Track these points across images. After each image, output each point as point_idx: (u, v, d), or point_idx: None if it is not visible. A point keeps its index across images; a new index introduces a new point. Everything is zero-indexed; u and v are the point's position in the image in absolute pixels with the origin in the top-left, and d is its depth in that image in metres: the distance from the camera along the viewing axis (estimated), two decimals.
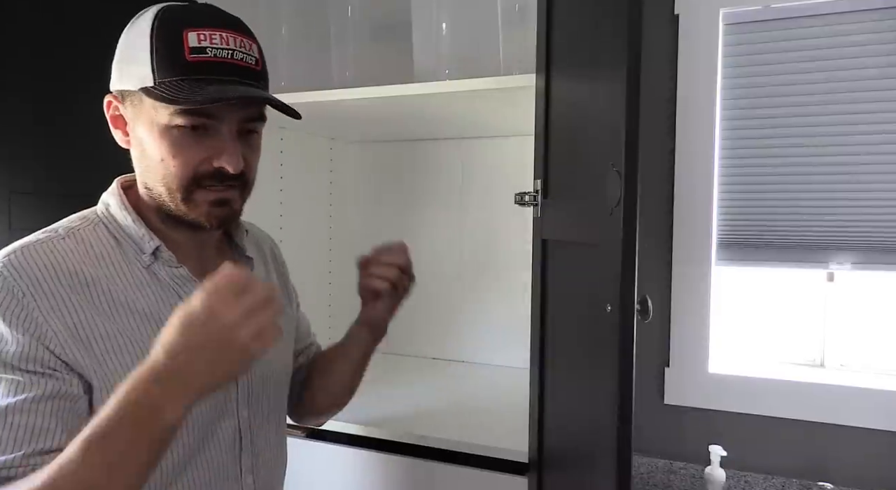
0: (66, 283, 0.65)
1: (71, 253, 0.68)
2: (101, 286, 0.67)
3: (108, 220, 0.72)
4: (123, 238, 0.71)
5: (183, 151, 0.68)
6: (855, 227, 1.30)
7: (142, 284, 0.70)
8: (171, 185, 0.69)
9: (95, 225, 0.72)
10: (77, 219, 0.73)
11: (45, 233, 0.69)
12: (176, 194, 0.69)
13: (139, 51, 0.67)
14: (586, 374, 0.82)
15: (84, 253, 0.68)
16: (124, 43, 0.69)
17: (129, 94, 0.69)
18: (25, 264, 0.64)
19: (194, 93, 0.64)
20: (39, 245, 0.66)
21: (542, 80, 1.04)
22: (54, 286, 0.64)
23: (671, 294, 1.40)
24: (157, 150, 0.68)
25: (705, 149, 1.36)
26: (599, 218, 0.75)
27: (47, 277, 0.64)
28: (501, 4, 1.25)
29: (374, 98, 1.21)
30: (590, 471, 0.79)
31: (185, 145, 0.68)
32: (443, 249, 1.78)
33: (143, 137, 0.69)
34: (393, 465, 1.17)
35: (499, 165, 1.69)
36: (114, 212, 0.72)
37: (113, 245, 0.71)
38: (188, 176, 0.68)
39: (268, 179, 1.58)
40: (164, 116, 0.66)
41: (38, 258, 0.65)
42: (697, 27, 1.36)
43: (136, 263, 0.71)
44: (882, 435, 1.26)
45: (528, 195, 1.08)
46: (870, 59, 1.28)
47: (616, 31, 0.70)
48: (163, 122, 0.67)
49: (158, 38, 0.66)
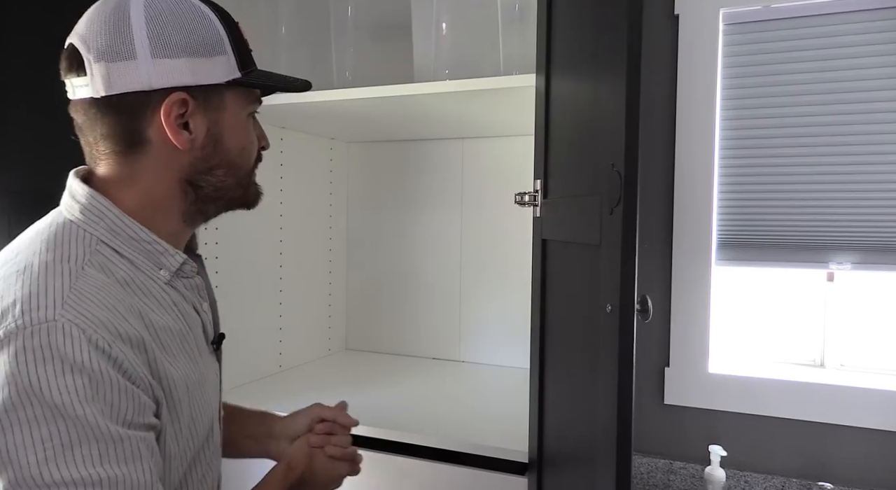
0: (134, 322, 0.59)
1: (110, 287, 0.60)
2: (147, 317, 0.62)
3: (108, 238, 0.64)
4: (134, 255, 0.65)
5: (254, 138, 0.74)
6: (855, 227, 1.30)
7: (169, 305, 0.66)
8: (243, 173, 0.72)
9: (97, 246, 0.63)
10: (67, 241, 0.62)
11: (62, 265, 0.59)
12: (245, 181, 0.74)
13: (214, 43, 0.65)
14: (586, 374, 0.82)
15: (117, 284, 0.61)
16: (182, 34, 0.62)
17: (205, 88, 0.65)
18: (92, 313, 0.56)
19: (271, 79, 0.72)
20: (80, 295, 0.57)
21: (542, 80, 1.04)
22: (127, 327, 0.58)
23: (671, 294, 1.40)
24: (240, 140, 0.70)
25: (705, 149, 1.36)
26: (599, 218, 0.75)
27: (118, 320, 0.58)
28: (501, 4, 1.25)
29: (374, 98, 1.21)
30: (590, 471, 0.79)
31: (253, 132, 0.74)
32: (443, 249, 1.78)
33: (224, 131, 0.68)
34: (393, 465, 1.17)
35: (499, 165, 1.69)
36: (114, 225, 0.64)
37: (129, 267, 0.64)
38: (255, 160, 0.75)
39: (268, 179, 1.58)
40: (244, 107, 0.71)
41: (97, 300, 0.57)
42: (697, 27, 1.35)
43: (153, 281, 0.65)
44: (882, 435, 1.26)
45: (528, 195, 1.08)
46: (870, 59, 1.28)
47: (616, 31, 0.70)
48: (244, 112, 0.71)
49: (230, 29, 0.67)
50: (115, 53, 0.61)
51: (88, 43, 0.62)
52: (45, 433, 0.51)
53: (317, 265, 1.79)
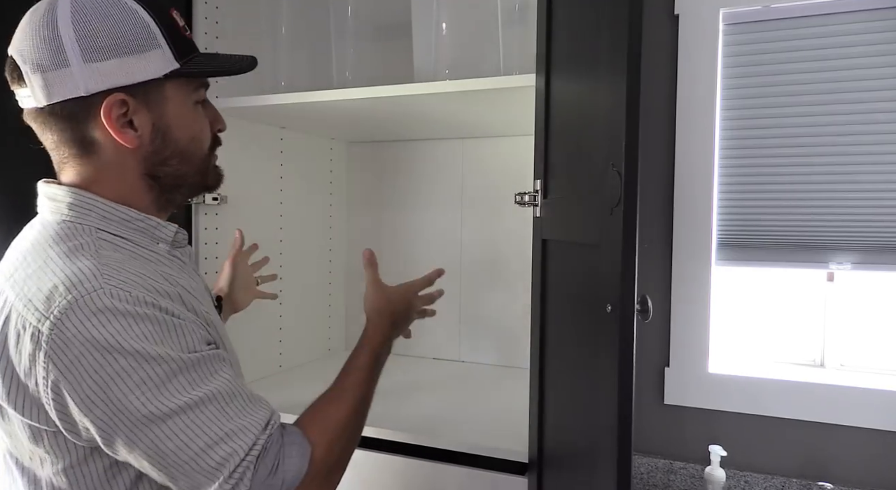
0: (163, 281, 0.64)
1: (128, 260, 0.65)
2: (171, 278, 0.67)
3: (104, 225, 0.66)
4: (131, 234, 0.68)
5: (205, 123, 0.74)
6: (855, 227, 1.30)
7: (179, 269, 0.72)
8: (198, 160, 0.73)
9: (97, 234, 0.65)
10: (70, 236, 0.64)
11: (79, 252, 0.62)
12: (203, 166, 0.74)
13: (145, 38, 0.64)
14: (586, 374, 0.82)
15: (131, 258, 0.66)
16: (111, 35, 0.62)
17: (143, 85, 0.65)
18: (126, 278, 0.61)
19: (211, 65, 0.71)
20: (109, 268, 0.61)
21: (542, 80, 1.04)
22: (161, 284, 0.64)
23: (671, 294, 1.40)
24: (187, 130, 0.70)
25: (705, 149, 1.36)
26: (599, 218, 0.75)
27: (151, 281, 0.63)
28: (501, 4, 1.24)
29: (374, 98, 1.21)
30: (590, 471, 0.79)
31: (203, 117, 0.73)
32: (443, 249, 1.78)
33: (171, 123, 0.68)
34: (393, 465, 1.17)
35: (499, 165, 1.69)
36: (104, 212, 0.66)
37: (132, 245, 0.67)
38: (210, 145, 0.75)
39: (268, 179, 1.58)
40: (188, 95, 0.70)
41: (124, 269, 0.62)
42: (697, 27, 1.35)
43: (156, 254, 0.70)
44: (882, 435, 1.26)
45: (528, 195, 1.08)
46: (870, 59, 1.28)
47: (616, 31, 0.70)
48: (190, 100, 0.70)
49: (160, 21, 0.66)
50: (48, 64, 0.62)
51: (24, 55, 0.63)
52: (137, 378, 0.58)
53: (317, 265, 1.79)
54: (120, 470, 0.63)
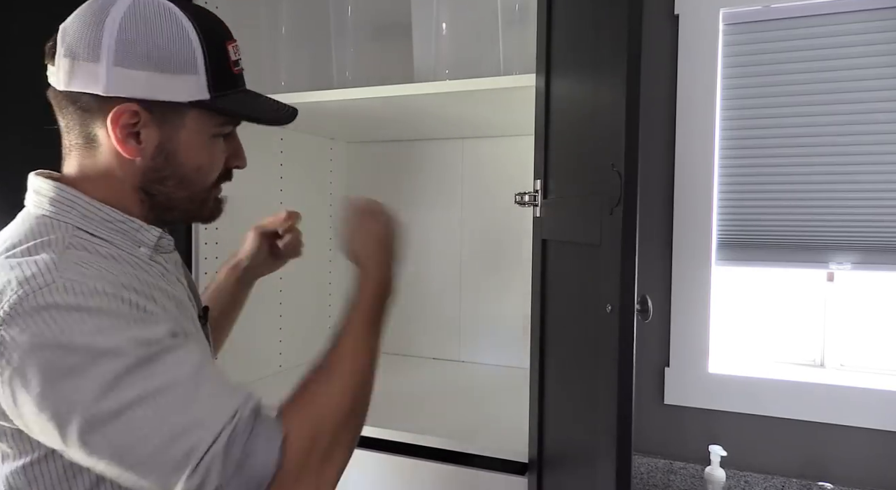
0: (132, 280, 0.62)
1: (98, 260, 0.62)
2: (143, 281, 0.64)
3: (83, 224, 0.65)
4: (111, 236, 0.66)
5: (219, 157, 0.72)
6: (855, 227, 1.30)
7: (158, 276, 0.69)
8: (198, 189, 0.71)
9: (74, 232, 0.64)
10: (44, 232, 0.62)
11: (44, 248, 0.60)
12: (201, 196, 0.72)
13: (184, 61, 0.63)
14: (586, 374, 0.82)
15: (103, 258, 0.63)
16: (150, 48, 0.62)
17: (163, 104, 0.64)
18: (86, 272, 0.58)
19: (243, 108, 0.70)
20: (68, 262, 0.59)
21: (542, 80, 1.04)
22: (128, 279, 0.62)
23: (671, 294, 1.40)
24: (195, 159, 0.69)
25: (705, 149, 1.36)
26: (599, 218, 0.75)
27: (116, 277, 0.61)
28: (501, 4, 1.25)
29: (374, 98, 1.21)
30: (590, 471, 0.79)
31: (220, 151, 0.72)
32: (443, 249, 1.78)
33: (179, 147, 0.67)
34: (393, 465, 1.17)
35: (499, 165, 1.69)
36: (86, 211, 0.65)
37: (109, 247, 0.65)
38: (215, 179, 0.73)
39: (268, 179, 1.58)
40: (209, 127, 0.68)
41: (87, 266, 0.59)
42: (697, 27, 1.35)
43: (136, 258, 0.67)
44: (882, 435, 1.26)
45: (528, 195, 1.08)
46: (870, 59, 1.28)
47: (616, 31, 0.70)
48: (209, 132, 0.69)
49: (209, 49, 0.65)
50: (80, 54, 0.62)
51: (66, 36, 0.63)
52: (92, 374, 0.54)
53: (317, 265, 1.79)
54: (80, 470, 0.60)
